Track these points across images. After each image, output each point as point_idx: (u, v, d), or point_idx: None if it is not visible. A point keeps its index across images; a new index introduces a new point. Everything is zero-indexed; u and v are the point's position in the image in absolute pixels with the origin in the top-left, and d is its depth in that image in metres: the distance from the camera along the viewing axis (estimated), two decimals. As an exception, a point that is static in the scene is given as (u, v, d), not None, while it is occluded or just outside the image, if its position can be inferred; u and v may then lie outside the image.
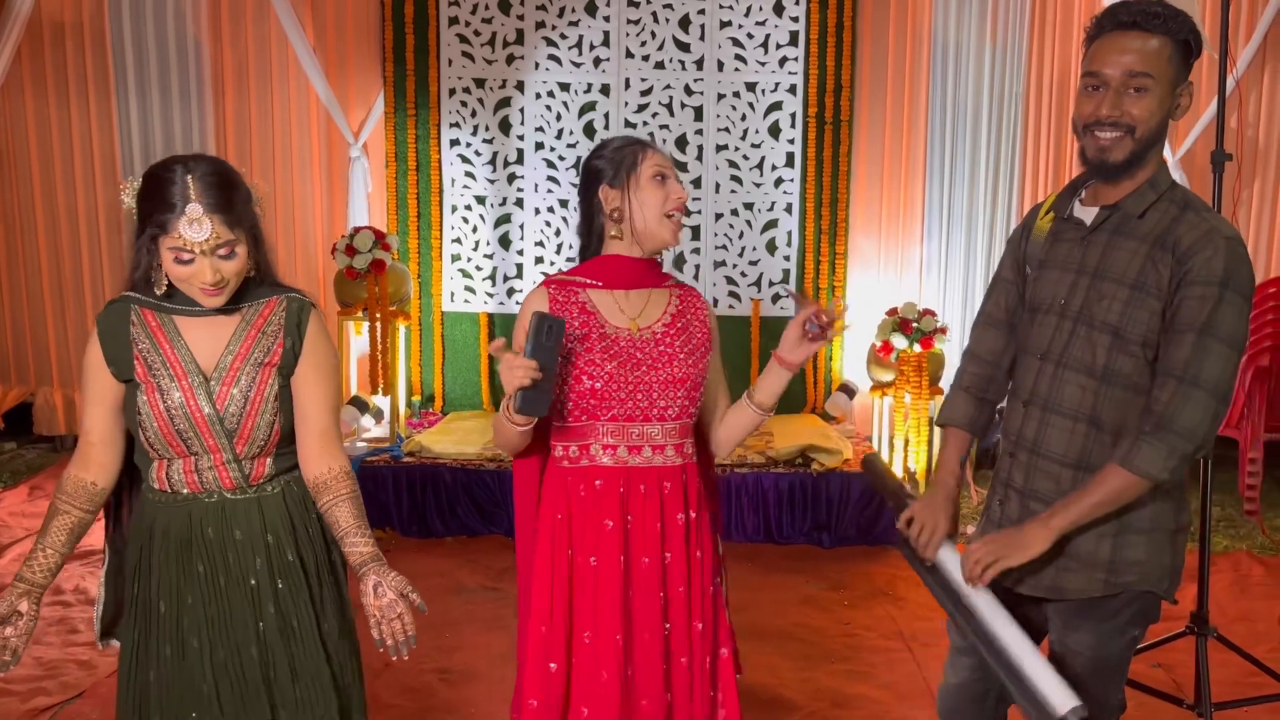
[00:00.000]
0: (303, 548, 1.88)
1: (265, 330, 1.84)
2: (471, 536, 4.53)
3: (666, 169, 1.99)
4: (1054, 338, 1.89)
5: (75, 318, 5.75)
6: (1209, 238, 1.74)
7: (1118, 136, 1.77)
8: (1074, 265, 1.88)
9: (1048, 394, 1.89)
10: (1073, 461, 1.86)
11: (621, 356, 1.95)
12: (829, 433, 4.96)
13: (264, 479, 1.85)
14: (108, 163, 5.61)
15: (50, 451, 5.78)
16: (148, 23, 5.48)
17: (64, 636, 3.45)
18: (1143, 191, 1.82)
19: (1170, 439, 1.73)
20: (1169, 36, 1.76)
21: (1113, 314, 1.80)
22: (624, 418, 1.94)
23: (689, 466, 2.00)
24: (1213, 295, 1.71)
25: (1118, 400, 1.82)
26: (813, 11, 5.40)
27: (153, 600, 1.84)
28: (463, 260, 5.61)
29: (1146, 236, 1.80)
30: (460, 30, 5.45)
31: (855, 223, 5.61)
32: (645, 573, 1.94)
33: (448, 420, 5.34)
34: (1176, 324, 1.74)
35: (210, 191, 1.70)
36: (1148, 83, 1.75)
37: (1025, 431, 1.92)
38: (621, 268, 2.01)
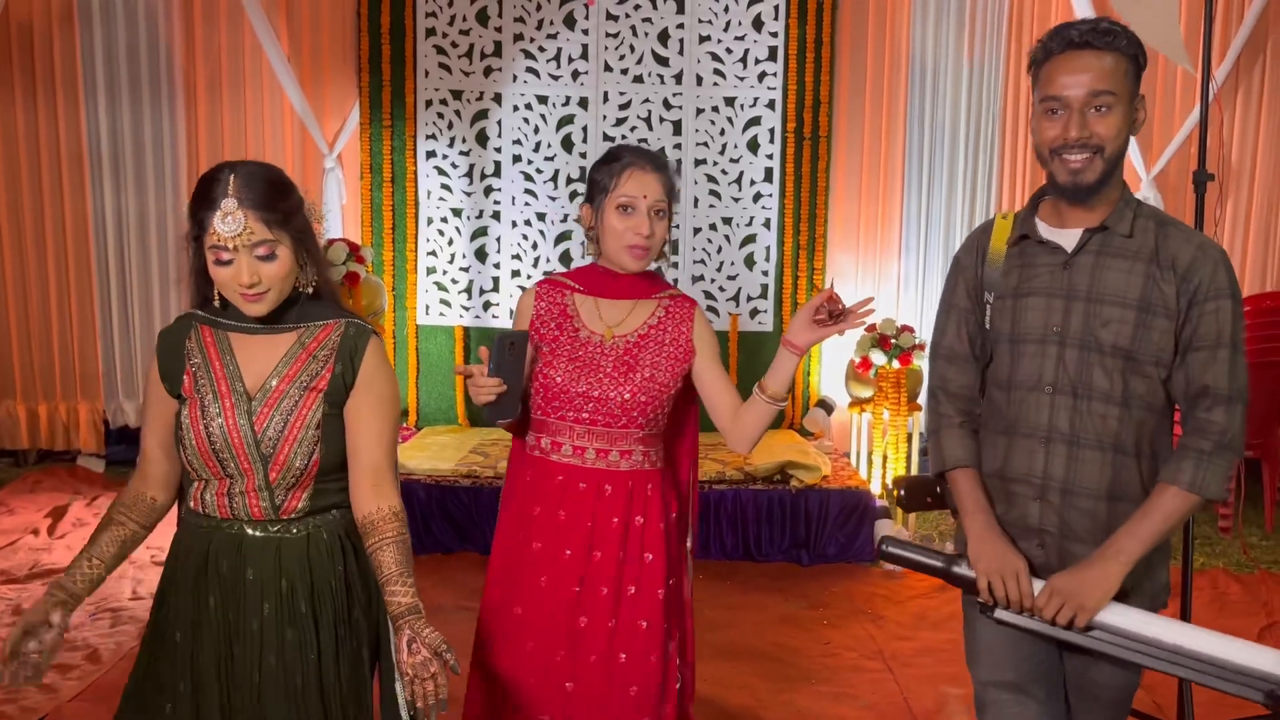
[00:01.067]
0: (320, 600, 1.75)
1: (317, 355, 1.76)
2: (446, 554, 4.45)
3: (634, 200, 2.04)
4: (1059, 368, 1.82)
5: (39, 329, 5.63)
6: (1205, 252, 1.76)
7: (1088, 158, 1.75)
8: (1061, 291, 1.83)
9: (1071, 428, 1.82)
10: (1105, 493, 1.82)
11: (584, 361, 2.06)
12: (807, 449, 4.93)
13: (296, 514, 1.75)
14: (75, 169, 5.51)
15: (12, 466, 5.65)
16: (118, 27, 5.40)
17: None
18: (1121, 210, 1.81)
19: (1230, 456, 1.75)
20: (1121, 53, 1.75)
21: (1123, 337, 1.77)
22: (577, 420, 2.05)
23: (638, 474, 2.07)
24: (1227, 308, 1.74)
25: (1138, 423, 1.80)
26: (792, 27, 5.40)
27: (168, 628, 1.75)
28: (438, 273, 5.55)
29: (1138, 255, 1.78)
30: (438, 41, 5.40)
31: (834, 238, 5.60)
32: (566, 565, 2.05)
33: (421, 435, 5.26)
34: (1201, 341, 1.75)
35: (249, 188, 1.66)
36: (1110, 100, 1.74)
37: (1053, 470, 1.83)
38: (605, 278, 2.13)
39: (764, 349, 5.56)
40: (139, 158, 5.51)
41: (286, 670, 1.73)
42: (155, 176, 5.51)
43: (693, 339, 2.11)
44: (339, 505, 1.79)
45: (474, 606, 3.92)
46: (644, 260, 2.07)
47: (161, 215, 5.58)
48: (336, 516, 1.80)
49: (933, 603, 4.04)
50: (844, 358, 5.12)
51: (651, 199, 2.05)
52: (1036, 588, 1.81)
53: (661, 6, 5.39)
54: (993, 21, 5.46)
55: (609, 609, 2.04)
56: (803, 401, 5.60)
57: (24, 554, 4.31)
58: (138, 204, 5.54)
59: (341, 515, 1.81)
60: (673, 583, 2.11)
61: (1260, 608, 4.00)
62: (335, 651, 1.76)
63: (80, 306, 5.62)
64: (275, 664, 1.73)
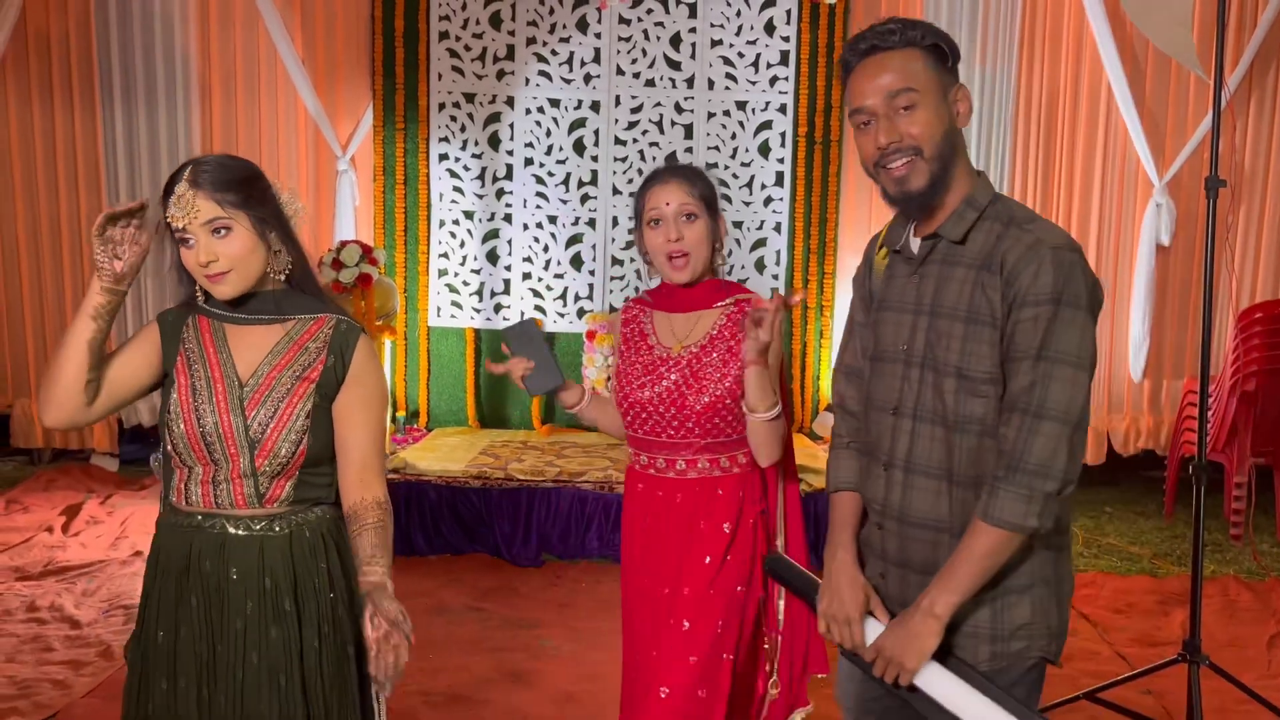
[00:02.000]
0: (303, 598, 1.77)
1: (308, 347, 1.80)
2: (456, 555, 4.47)
3: (659, 211, 2.11)
4: (903, 389, 1.68)
5: (55, 329, 5.67)
6: (1034, 251, 1.55)
7: (908, 161, 1.61)
8: (910, 304, 1.69)
9: (907, 454, 1.67)
10: (946, 525, 1.64)
11: (652, 374, 2.16)
12: (817, 453, 4.94)
13: (279, 503, 1.77)
14: (91, 172, 5.55)
15: (27, 464, 5.69)
16: (135, 32, 5.44)
17: (38, 655, 3.38)
18: (960, 213, 1.64)
19: (1025, 480, 1.53)
20: (914, 46, 1.63)
21: (953, 353, 1.61)
22: (649, 431, 2.15)
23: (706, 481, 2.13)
24: (1046, 314, 1.53)
25: (971, 451, 1.61)
26: (803, 31, 5.41)
27: (151, 628, 1.77)
28: (450, 275, 5.57)
29: (973, 262, 1.62)
30: (451, 45, 5.43)
31: (844, 242, 5.60)
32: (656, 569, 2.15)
33: (433, 436, 5.29)
34: (1013, 352, 1.56)
35: (204, 173, 1.71)
36: (914, 98, 1.60)
37: (890, 498, 1.70)
38: (671, 294, 2.21)
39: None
40: (154, 160, 5.55)
41: (270, 668, 1.74)
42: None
43: None
44: (321, 501, 1.82)
45: (483, 607, 3.96)
46: (685, 268, 2.11)
47: None
48: (320, 514, 1.81)
49: (941, 607, 4.04)
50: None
51: (676, 204, 2.10)
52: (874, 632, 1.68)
53: (674, 11, 5.41)
54: (1004, 27, 5.46)
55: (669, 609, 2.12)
56: (813, 405, 5.60)
57: (39, 551, 4.34)
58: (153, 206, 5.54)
59: (324, 513, 1.83)
60: (741, 589, 2.11)
61: (1270, 616, 3.99)
62: (319, 649, 1.77)
63: (95, 306, 5.66)
64: (259, 662, 1.74)
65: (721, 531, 2.12)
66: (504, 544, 4.46)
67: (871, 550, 1.77)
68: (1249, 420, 4.76)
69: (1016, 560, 1.61)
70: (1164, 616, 3.92)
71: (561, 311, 5.55)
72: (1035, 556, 1.63)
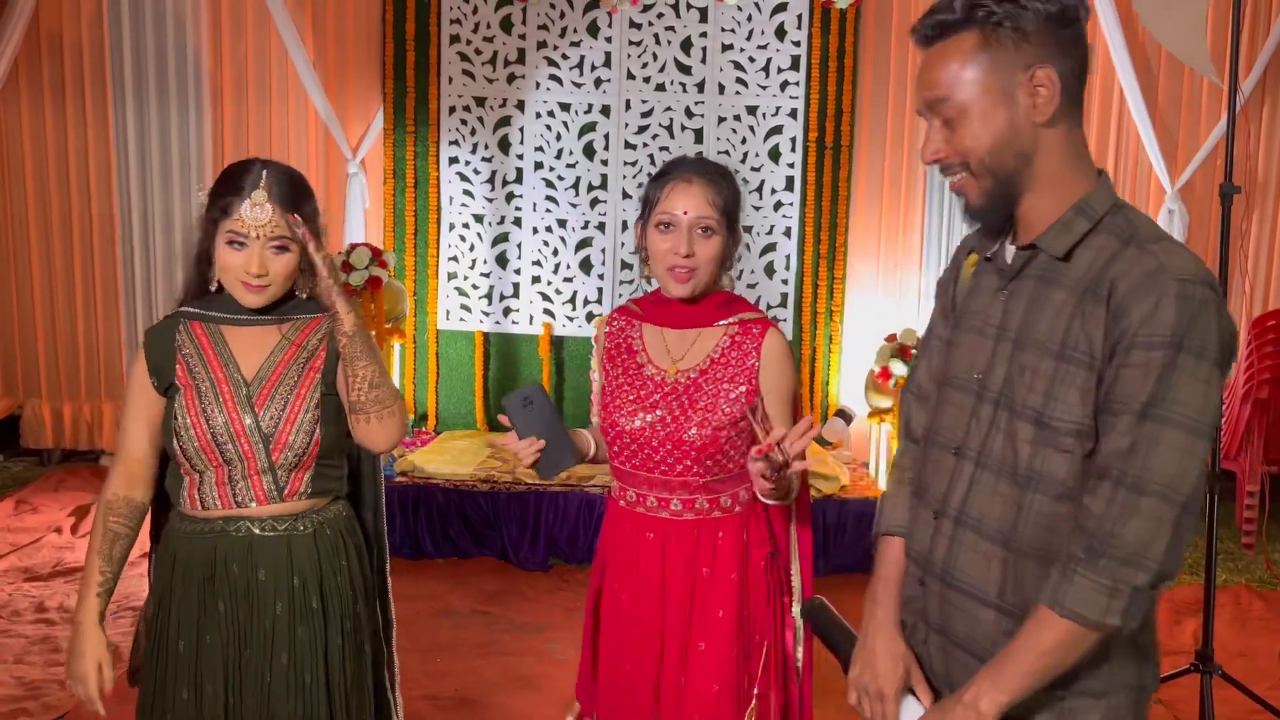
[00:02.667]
0: (328, 595, 1.80)
1: (307, 343, 1.82)
2: (464, 558, 4.47)
3: (673, 216, 1.87)
4: (970, 426, 1.40)
5: (65, 330, 5.69)
6: (1154, 280, 1.24)
7: (961, 177, 1.37)
8: (993, 326, 1.40)
9: (961, 504, 1.40)
10: (993, 600, 1.36)
11: (641, 400, 1.92)
12: (826, 458, 4.92)
13: (299, 496, 1.79)
14: (103, 173, 5.57)
15: (37, 465, 5.71)
16: (147, 33, 5.46)
17: (47, 656, 3.38)
18: (1068, 222, 1.33)
19: (1111, 567, 1.24)
20: (973, 29, 1.31)
21: (1035, 394, 1.31)
22: (638, 465, 1.92)
23: (705, 523, 1.91)
24: (1160, 361, 1.23)
25: (1042, 516, 1.32)
26: (814, 36, 5.40)
27: (171, 638, 1.77)
28: (459, 278, 5.57)
29: (1077, 285, 1.31)
30: (461, 48, 5.43)
31: (854, 247, 5.59)
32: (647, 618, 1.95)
33: (441, 440, 5.28)
34: (1113, 404, 1.25)
35: (280, 185, 1.73)
36: (953, 109, 1.33)
37: (935, 553, 1.43)
38: (666, 306, 1.97)
39: (783, 358, 5.54)
40: (165, 161, 5.56)
41: (297, 668, 1.76)
42: (181, 180, 5.57)
43: (757, 376, 1.90)
44: (338, 494, 1.85)
45: (490, 611, 3.96)
46: (689, 285, 1.88)
47: (187, 218, 5.63)
48: (338, 510, 1.84)
49: (950, 615, 4.02)
50: (864, 367, 5.11)
51: (694, 214, 1.86)
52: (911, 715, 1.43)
53: (685, 15, 5.40)
54: (1017, 32, 5.43)
55: (679, 666, 1.92)
56: (822, 411, 5.59)
57: (47, 552, 4.35)
58: (163, 207, 5.59)
59: (341, 509, 1.86)
60: (759, 639, 1.93)
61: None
62: (342, 646, 1.80)
63: (106, 308, 5.68)
64: (287, 663, 1.76)
65: (730, 581, 1.90)
66: (511, 548, 4.45)
67: (912, 609, 1.50)
68: (1262, 428, 4.73)
69: (1092, 659, 1.30)
70: (1176, 626, 3.89)
71: (571, 315, 5.55)
72: (1115, 657, 1.33)
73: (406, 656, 3.46)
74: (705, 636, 1.91)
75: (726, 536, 1.92)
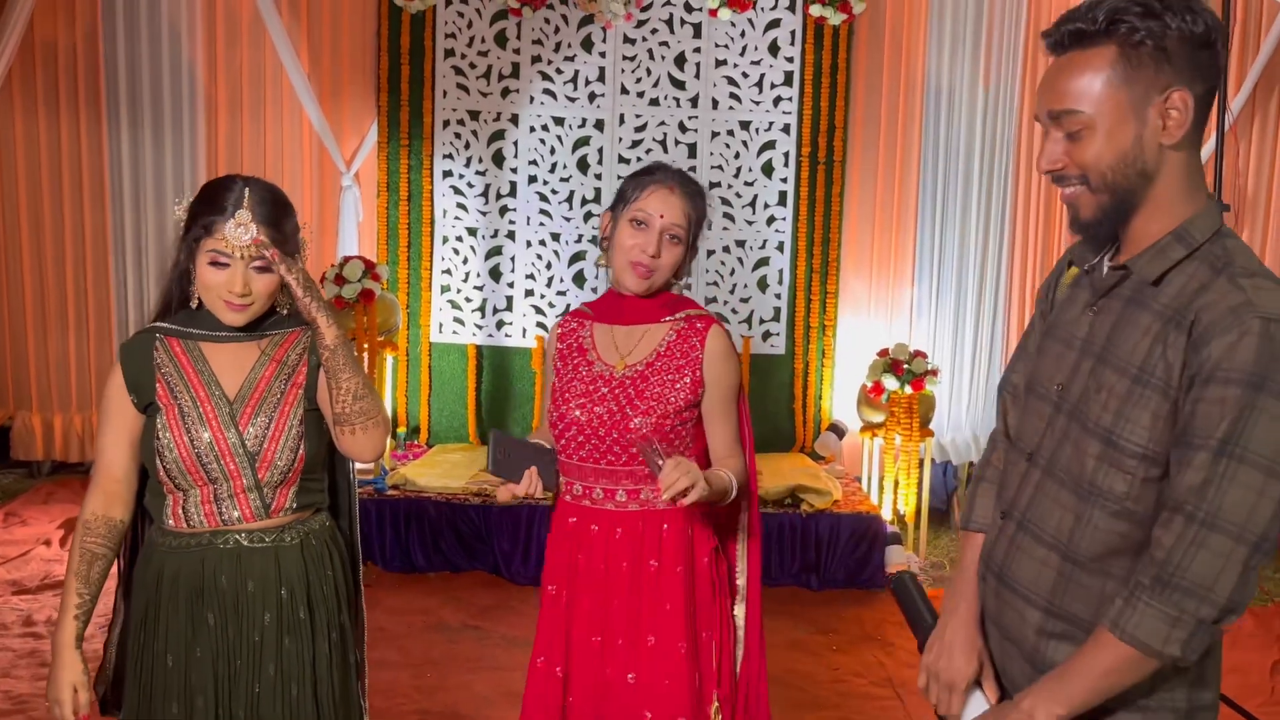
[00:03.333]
0: (315, 605, 1.80)
1: (287, 358, 1.81)
2: (455, 572, 4.45)
3: (649, 217, 1.95)
4: (1045, 434, 1.44)
5: (56, 341, 5.67)
6: (1237, 315, 1.23)
7: (1076, 190, 1.36)
8: (1079, 340, 1.42)
9: (1025, 508, 1.44)
10: (1041, 603, 1.42)
11: (590, 394, 1.97)
12: (818, 473, 4.92)
13: (284, 511, 1.78)
14: (96, 185, 5.56)
15: (26, 477, 5.68)
16: (142, 46, 5.46)
17: (34, 670, 3.36)
18: (1163, 247, 1.33)
19: (1177, 599, 1.26)
20: (1115, 44, 1.29)
21: (1107, 412, 1.33)
22: (584, 457, 1.96)
23: (650, 514, 1.95)
24: (1237, 400, 1.22)
25: (1099, 529, 1.35)
26: (808, 52, 5.43)
27: (159, 655, 1.76)
28: (452, 291, 5.57)
29: (1163, 310, 1.31)
30: (456, 62, 5.44)
31: (847, 262, 5.60)
32: (588, 614, 1.96)
33: (433, 453, 5.27)
34: (1188, 437, 1.26)
35: (263, 206, 1.73)
36: (1080, 122, 1.31)
37: (995, 551, 1.49)
38: (616, 303, 2.04)
39: (776, 372, 5.55)
40: (159, 173, 5.56)
41: (285, 679, 1.76)
42: (174, 193, 5.55)
43: (701, 370, 1.97)
44: (320, 507, 1.85)
45: (481, 625, 3.94)
46: (646, 282, 1.96)
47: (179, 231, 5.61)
48: (322, 521, 1.85)
49: (942, 630, 4.01)
50: (856, 382, 5.12)
51: (668, 220, 1.95)
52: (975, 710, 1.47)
53: (679, 30, 5.42)
54: (1009, 49, 5.47)
55: (628, 663, 1.94)
56: (814, 425, 5.59)
57: (35, 565, 4.33)
58: (156, 219, 5.58)
59: (325, 520, 1.86)
60: (706, 635, 1.96)
61: (1274, 642, 3.97)
62: (329, 656, 1.80)
63: (97, 320, 5.66)
64: (274, 674, 1.76)
65: (676, 574, 1.94)
66: (503, 562, 4.44)
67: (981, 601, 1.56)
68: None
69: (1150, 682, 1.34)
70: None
71: (563, 329, 5.55)
72: (1172, 683, 1.35)
73: (398, 671, 3.45)
74: (654, 630, 1.93)
75: (672, 529, 1.95)
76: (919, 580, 1.67)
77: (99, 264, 5.61)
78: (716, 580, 2.01)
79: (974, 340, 5.63)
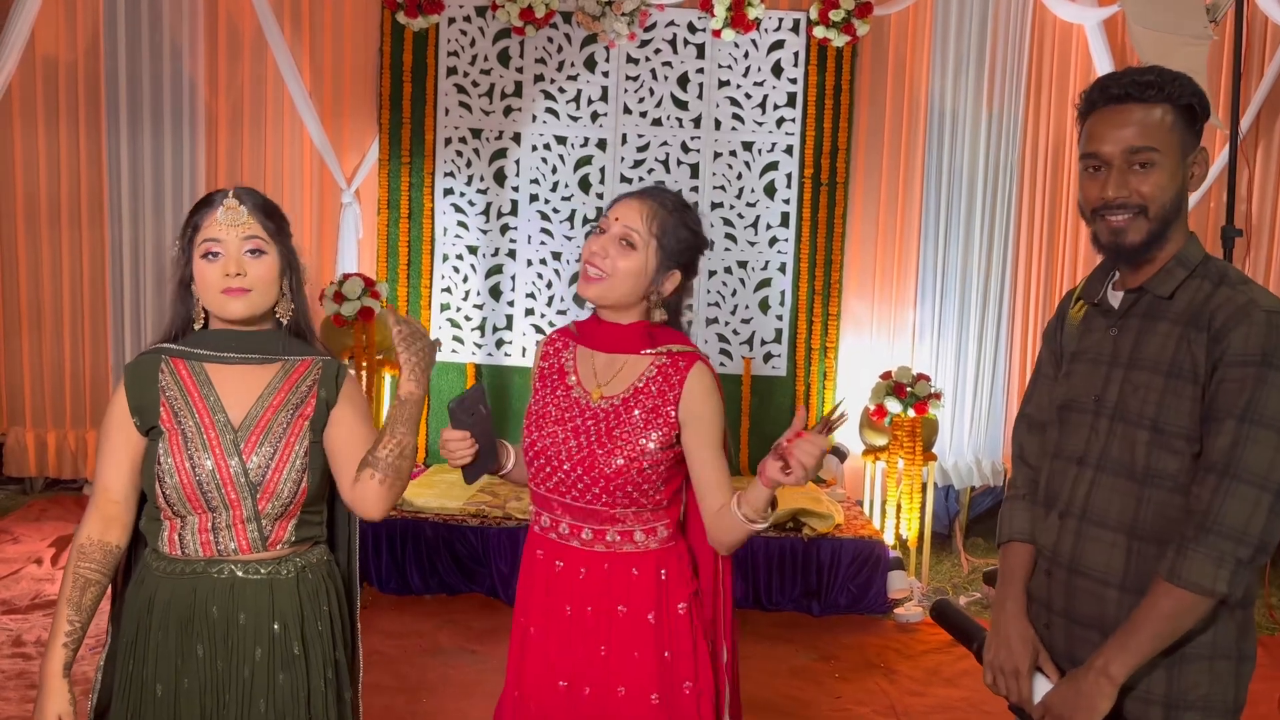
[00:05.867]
0: (309, 642, 1.75)
1: (299, 386, 1.78)
2: (451, 595, 4.39)
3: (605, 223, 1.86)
4: (1090, 439, 1.70)
5: (51, 356, 5.62)
6: (1246, 312, 1.57)
7: (1129, 218, 1.64)
8: (1105, 356, 1.71)
9: (1085, 503, 1.69)
10: (1116, 581, 1.64)
11: (563, 423, 1.85)
12: (820, 496, 4.87)
13: (282, 544, 1.74)
14: (94, 201, 5.53)
15: (19, 494, 5.62)
16: (143, 60, 5.44)
17: (23, 692, 3.30)
18: (1170, 270, 1.66)
19: (1217, 543, 1.52)
20: (1169, 104, 1.63)
21: (1149, 405, 1.62)
22: (552, 489, 1.85)
23: (617, 557, 1.82)
24: (1252, 376, 1.54)
25: (1160, 506, 1.61)
26: (811, 74, 5.42)
27: (147, 682, 1.70)
28: (452, 310, 5.54)
29: (1179, 317, 1.63)
30: (458, 80, 5.43)
31: (849, 284, 5.57)
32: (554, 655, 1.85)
33: (431, 473, 5.22)
34: (1214, 411, 1.56)
35: (251, 196, 1.76)
36: (1153, 157, 1.62)
37: (1061, 547, 1.71)
38: (597, 329, 1.92)
39: (777, 394, 5.51)
40: (158, 188, 5.53)
41: (278, 715, 1.71)
42: (174, 208, 5.52)
43: (678, 410, 1.83)
44: (319, 539, 1.81)
45: (477, 650, 3.88)
46: (594, 286, 1.83)
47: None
48: (319, 555, 1.80)
49: (946, 658, 3.96)
50: (859, 404, 5.07)
51: (623, 223, 1.82)
52: (1042, 689, 1.67)
53: (682, 51, 5.41)
54: (1012, 71, 5.47)
55: (598, 714, 1.82)
56: (815, 448, 5.53)
57: (26, 584, 4.26)
58: (155, 234, 5.55)
59: (323, 554, 1.81)
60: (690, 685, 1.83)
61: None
62: (324, 694, 1.75)
63: (94, 335, 5.62)
64: (266, 709, 1.70)
65: (646, 622, 1.81)
66: (501, 585, 4.38)
67: (1037, 599, 1.77)
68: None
69: (1199, 628, 1.58)
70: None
71: (564, 348, 5.51)
72: (1219, 626, 1.60)
73: (392, 696, 3.39)
74: (624, 680, 1.81)
75: (642, 574, 1.83)
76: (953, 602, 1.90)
77: (96, 279, 5.57)
78: (697, 625, 1.86)
79: (976, 363, 5.59)
